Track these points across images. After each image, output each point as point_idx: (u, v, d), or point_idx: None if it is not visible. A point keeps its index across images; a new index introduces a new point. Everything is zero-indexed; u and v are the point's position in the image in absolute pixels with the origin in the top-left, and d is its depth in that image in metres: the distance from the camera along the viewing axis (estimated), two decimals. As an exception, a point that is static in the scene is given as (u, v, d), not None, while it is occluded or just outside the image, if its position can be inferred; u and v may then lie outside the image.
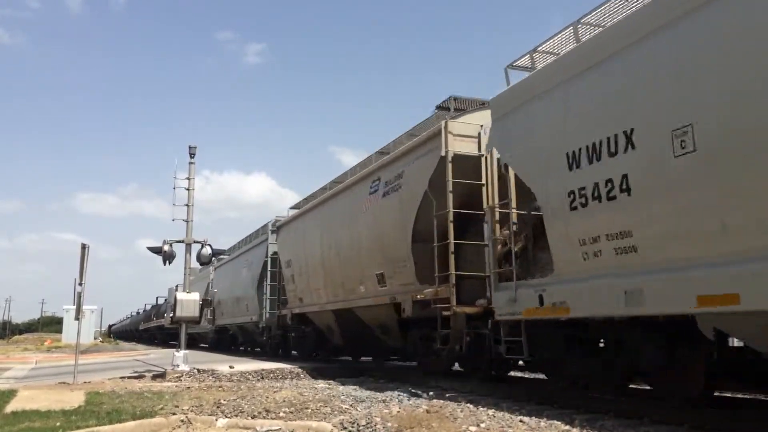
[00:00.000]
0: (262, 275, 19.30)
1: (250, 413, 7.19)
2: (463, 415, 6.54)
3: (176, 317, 14.01)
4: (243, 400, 8.22)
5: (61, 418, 6.94)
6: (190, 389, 10.19)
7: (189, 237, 14.48)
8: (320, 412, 7.23)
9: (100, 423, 6.52)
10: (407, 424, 6.11)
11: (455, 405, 7.28)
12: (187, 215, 14.58)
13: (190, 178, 14.74)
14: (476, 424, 6.07)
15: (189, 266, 14.61)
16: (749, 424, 5.62)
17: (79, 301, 12.29)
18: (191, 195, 14.65)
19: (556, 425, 5.96)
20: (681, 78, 5.56)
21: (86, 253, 12.17)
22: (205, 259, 14.83)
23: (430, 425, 6.05)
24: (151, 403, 8.18)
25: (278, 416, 6.98)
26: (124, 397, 9.02)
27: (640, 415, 6.26)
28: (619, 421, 6.12)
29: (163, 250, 14.46)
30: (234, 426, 6.43)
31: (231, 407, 7.64)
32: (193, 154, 14.85)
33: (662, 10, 5.81)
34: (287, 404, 7.77)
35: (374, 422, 6.21)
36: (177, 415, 6.83)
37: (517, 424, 6.07)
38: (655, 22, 5.85)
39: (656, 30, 5.80)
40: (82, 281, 12.09)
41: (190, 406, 7.80)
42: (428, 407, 7.00)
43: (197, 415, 6.96)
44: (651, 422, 6.05)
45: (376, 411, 6.91)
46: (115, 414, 7.14)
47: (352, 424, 6.23)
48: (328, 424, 6.29)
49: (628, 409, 6.56)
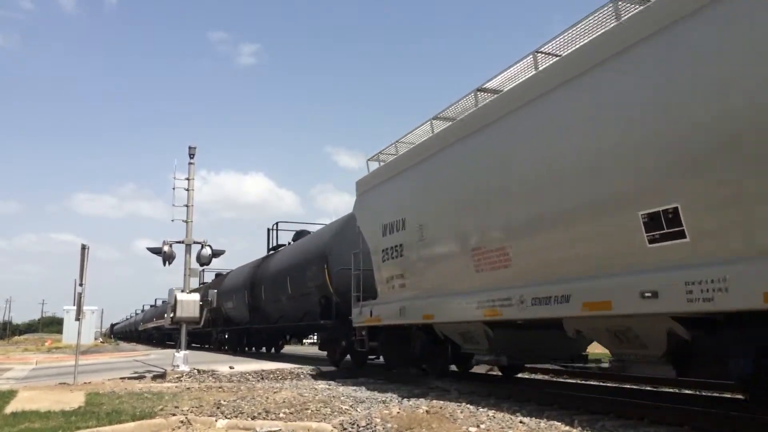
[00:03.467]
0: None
1: (250, 414, 7.19)
2: (463, 416, 6.54)
3: (176, 318, 14.00)
4: (243, 401, 8.22)
5: (61, 418, 6.93)
6: (190, 390, 10.18)
7: (189, 237, 14.48)
8: (320, 412, 7.23)
9: (100, 424, 6.51)
10: (407, 424, 6.11)
11: (455, 405, 7.27)
12: (187, 216, 14.57)
13: (189, 178, 14.74)
14: (476, 425, 6.07)
15: (189, 267, 14.60)
16: (750, 424, 5.61)
17: (80, 301, 12.29)
18: (191, 195, 14.65)
19: (556, 426, 5.96)
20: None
21: (86, 254, 12.17)
22: (205, 259, 14.81)
23: (430, 426, 6.04)
24: (151, 404, 8.17)
25: (278, 417, 6.98)
26: (124, 397, 9.02)
27: (641, 415, 6.26)
28: (619, 422, 6.12)
29: (163, 250, 14.45)
30: (234, 427, 6.43)
31: (231, 408, 7.64)
32: (192, 154, 14.85)
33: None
34: (287, 405, 7.76)
35: (374, 423, 6.21)
36: (177, 416, 6.83)
37: (517, 425, 6.07)
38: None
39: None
40: (82, 282, 12.09)
41: (190, 407, 7.80)
42: (428, 408, 7.00)
43: (197, 415, 6.96)
44: (651, 422, 6.05)
45: (376, 412, 6.91)
46: (115, 415, 7.13)
47: (352, 425, 6.22)
48: (328, 425, 6.29)
49: (628, 409, 6.55)
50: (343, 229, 14.52)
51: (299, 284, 16.38)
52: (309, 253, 16.23)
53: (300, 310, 16.71)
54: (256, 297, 20.74)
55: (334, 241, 14.52)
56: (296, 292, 16.71)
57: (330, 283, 14.24)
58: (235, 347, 25.19)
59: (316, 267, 15.02)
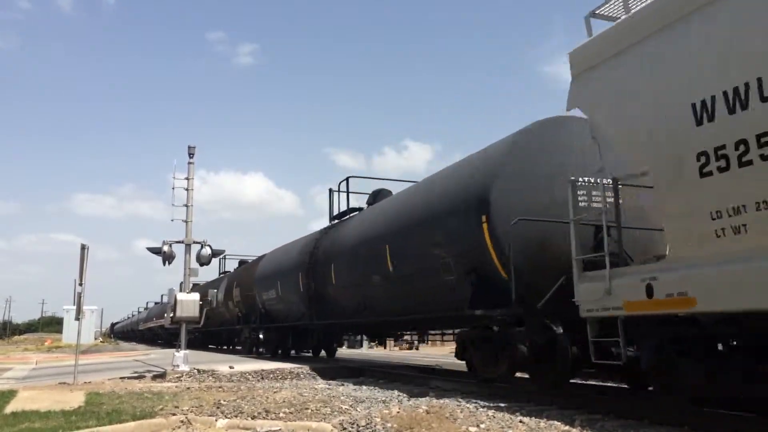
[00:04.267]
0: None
1: (250, 414, 7.19)
2: (463, 416, 6.54)
3: (176, 317, 14.00)
4: (243, 401, 8.22)
5: (61, 418, 6.94)
6: (190, 390, 10.19)
7: (189, 237, 14.47)
8: (320, 412, 7.24)
9: (100, 423, 6.52)
10: (407, 424, 6.11)
11: (455, 405, 7.27)
12: (187, 216, 14.57)
13: (189, 178, 14.74)
14: (476, 425, 6.07)
15: (189, 266, 14.59)
16: (750, 424, 5.61)
17: (79, 301, 12.30)
18: (190, 195, 14.64)
19: (556, 426, 5.96)
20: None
21: (86, 254, 12.18)
22: (205, 259, 14.80)
23: (430, 425, 6.04)
24: (151, 404, 8.18)
25: (278, 417, 6.98)
26: (124, 397, 9.02)
27: (641, 415, 6.26)
28: (619, 422, 6.12)
29: (163, 250, 14.45)
30: (234, 426, 6.44)
31: (231, 408, 7.64)
32: (192, 154, 14.85)
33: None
34: (287, 405, 7.77)
35: (374, 423, 6.21)
36: (177, 416, 6.83)
37: (517, 425, 6.07)
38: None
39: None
40: (82, 282, 12.09)
41: (190, 407, 7.80)
42: (428, 407, 7.00)
43: (197, 415, 6.96)
44: (651, 423, 6.04)
45: (376, 411, 6.91)
46: (115, 414, 7.14)
47: (351, 425, 6.23)
48: (328, 425, 6.29)
49: (628, 409, 6.55)
50: (515, 155, 8.50)
51: (414, 255, 10.17)
52: (440, 203, 9.74)
53: (412, 296, 10.62)
54: (321, 281, 14.32)
55: (503, 176, 8.36)
56: (407, 267, 10.49)
57: (493, 247, 8.18)
58: (275, 350, 18.90)
59: (459, 223, 8.91)
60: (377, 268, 11.34)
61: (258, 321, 19.39)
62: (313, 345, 18.37)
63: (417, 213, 10.38)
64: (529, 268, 7.80)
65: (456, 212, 9.03)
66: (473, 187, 8.82)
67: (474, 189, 8.75)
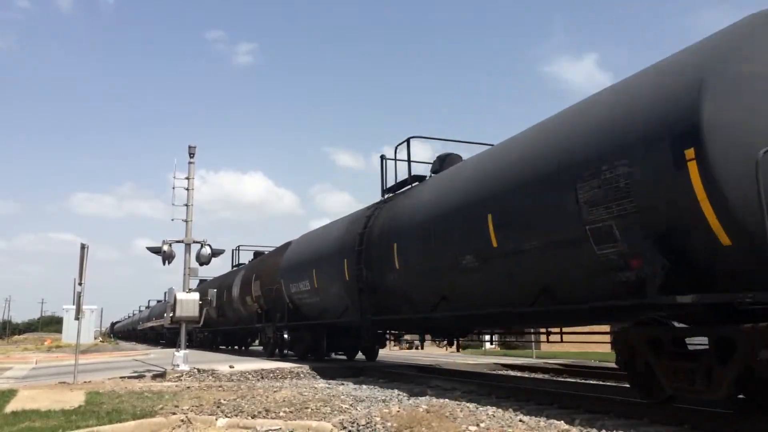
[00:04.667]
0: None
1: (250, 413, 7.20)
2: (463, 415, 6.54)
3: (176, 317, 13.99)
4: (243, 400, 8.22)
5: (61, 417, 6.94)
6: (190, 389, 10.19)
7: (189, 237, 14.46)
8: (320, 411, 7.24)
9: (100, 423, 6.52)
10: (407, 423, 6.11)
11: (455, 404, 7.28)
12: (187, 215, 14.56)
13: (189, 177, 14.72)
14: (476, 424, 6.07)
15: (189, 266, 14.59)
16: (750, 424, 5.61)
17: (79, 301, 12.29)
18: (191, 195, 14.63)
19: (556, 425, 5.96)
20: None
21: (86, 253, 12.18)
22: (205, 259, 14.79)
23: (430, 425, 6.04)
24: (151, 403, 8.18)
25: (278, 416, 6.98)
26: (124, 396, 9.02)
27: (640, 415, 6.26)
28: (619, 422, 6.12)
29: (163, 250, 14.44)
30: (234, 426, 6.44)
31: (231, 407, 7.65)
32: (192, 153, 14.82)
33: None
34: (287, 404, 7.77)
35: (374, 422, 6.21)
36: (177, 415, 6.83)
37: (517, 424, 6.07)
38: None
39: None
40: (81, 281, 12.09)
41: (190, 406, 7.80)
42: (428, 407, 7.00)
43: (197, 414, 6.96)
44: (651, 422, 6.05)
45: (375, 410, 6.91)
46: (115, 414, 7.14)
47: (352, 424, 6.23)
48: (328, 424, 6.29)
49: (628, 409, 6.56)
50: (753, 43, 5.26)
51: (539, 222, 7.08)
52: (588, 142, 6.46)
53: (530, 280, 7.46)
54: (378, 267, 11.30)
55: (727, 79, 5.17)
56: (524, 239, 7.31)
57: (709, 199, 5.06)
58: (305, 353, 16.36)
59: (633, 167, 5.73)
60: (470, 245, 8.42)
61: (284, 318, 16.69)
62: (351, 345, 16.14)
63: (542, 164, 7.17)
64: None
65: (626, 151, 5.85)
66: (663, 104, 5.56)
67: (664, 108, 5.52)
